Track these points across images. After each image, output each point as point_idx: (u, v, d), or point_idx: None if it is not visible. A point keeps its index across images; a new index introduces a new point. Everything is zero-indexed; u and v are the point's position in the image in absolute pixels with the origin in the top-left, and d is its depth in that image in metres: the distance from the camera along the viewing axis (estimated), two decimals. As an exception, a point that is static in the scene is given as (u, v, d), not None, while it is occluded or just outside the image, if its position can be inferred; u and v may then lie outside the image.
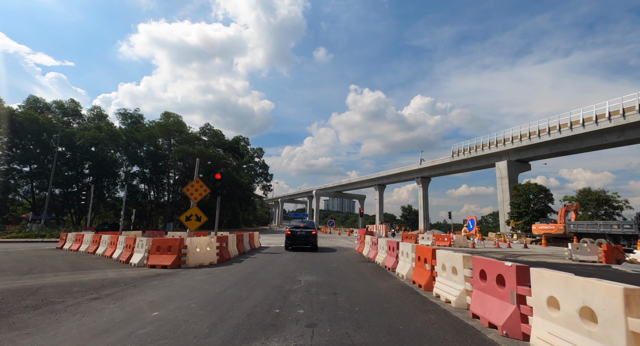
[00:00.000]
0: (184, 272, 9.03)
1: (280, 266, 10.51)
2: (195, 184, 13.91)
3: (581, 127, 43.71)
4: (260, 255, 14.13)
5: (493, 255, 17.34)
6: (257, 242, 18.40)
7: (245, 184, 49.87)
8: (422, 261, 7.51)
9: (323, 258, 13.24)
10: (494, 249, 22.07)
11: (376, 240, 12.75)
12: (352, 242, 25.49)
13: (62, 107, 42.40)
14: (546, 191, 46.82)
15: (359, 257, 14.19)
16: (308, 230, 16.70)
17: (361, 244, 16.18)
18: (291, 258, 13.21)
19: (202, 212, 13.72)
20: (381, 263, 11.24)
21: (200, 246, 10.47)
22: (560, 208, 32.02)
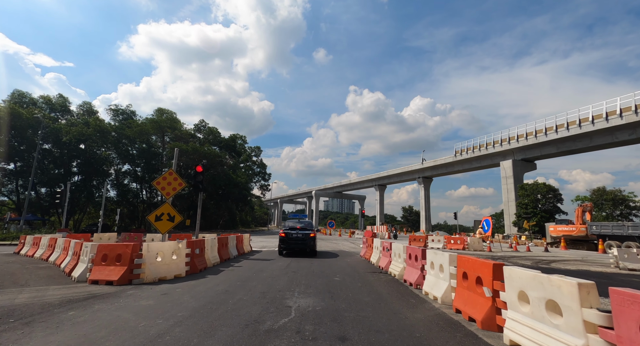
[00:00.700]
0: (130, 292, 6.40)
1: (267, 281, 7.87)
2: (167, 176, 11.29)
3: (590, 124, 41.32)
4: (247, 263, 11.49)
5: (521, 261, 14.71)
6: (246, 246, 15.76)
7: (241, 184, 47.20)
8: (473, 281, 4.91)
9: (323, 267, 10.62)
10: (514, 253, 19.45)
11: (389, 246, 10.13)
12: (355, 245, 22.85)
13: (49, 102, 39.77)
14: (555, 191, 44.32)
15: (367, 265, 11.57)
16: (305, 232, 14.08)
17: (368, 249, 13.55)
18: (284, 267, 10.58)
19: (175, 211, 11.11)
20: (398, 275, 8.63)
21: (163, 254, 7.84)
22: (577, 208, 29.49)
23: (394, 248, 9.61)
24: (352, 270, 10.10)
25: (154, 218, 10.72)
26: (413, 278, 7.48)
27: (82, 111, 42.25)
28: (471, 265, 5.06)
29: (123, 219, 44.70)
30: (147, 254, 7.44)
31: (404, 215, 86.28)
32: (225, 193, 46.35)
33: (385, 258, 10.43)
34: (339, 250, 18.12)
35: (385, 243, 10.63)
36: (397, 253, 9.26)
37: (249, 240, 16.50)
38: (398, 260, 9.04)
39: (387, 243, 10.41)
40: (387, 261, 10.11)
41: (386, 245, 10.51)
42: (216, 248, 11.15)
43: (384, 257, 10.63)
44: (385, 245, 10.55)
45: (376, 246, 12.08)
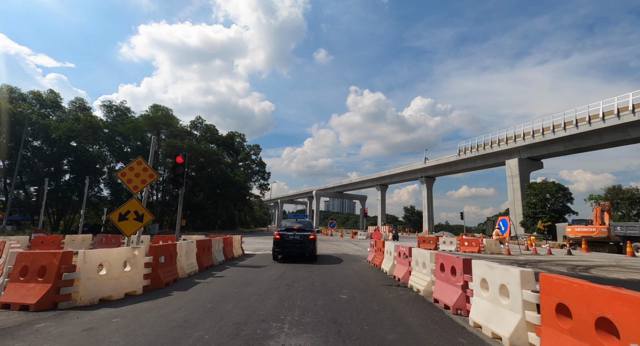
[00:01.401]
0: (40, 325, 4.27)
1: (250, 302, 5.74)
2: (135, 166, 9.16)
3: (600, 121, 39.20)
4: (232, 272, 9.34)
5: (554, 267, 12.54)
6: (237, 249, 13.62)
7: (240, 183, 45.04)
8: (585, 322, 2.76)
9: (325, 277, 8.47)
10: (536, 256, 17.28)
11: (407, 251, 7.99)
12: (359, 247, 20.70)
13: (39, 97, 37.73)
14: (565, 190, 42.08)
15: (378, 274, 9.42)
16: (304, 234, 11.94)
17: (377, 253, 11.40)
18: (276, 277, 8.43)
19: (145, 208, 8.98)
20: (423, 291, 6.49)
21: (109, 265, 5.71)
22: (595, 207, 27.31)
23: (415, 254, 7.46)
24: (361, 282, 7.95)
25: (118, 218, 8.58)
26: (450, 299, 5.33)
27: (74, 107, 40.19)
28: (577, 294, 2.91)
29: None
30: (83, 266, 5.30)
31: (406, 215, 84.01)
32: (223, 192, 44.22)
33: (402, 266, 8.27)
34: (342, 254, 15.98)
35: (402, 248, 8.47)
36: (419, 261, 7.12)
37: (240, 243, 14.35)
38: (422, 271, 6.89)
39: (405, 248, 8.26)
40: (405, 271, 7.96)
41: (403, 250, 8.35)
42: (194, 254, 9.01)
43: (401, 264, 8.47)
44: (402, 250, 8.39)
45: (388, 250, 9.92)
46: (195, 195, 46.32)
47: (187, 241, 8.72)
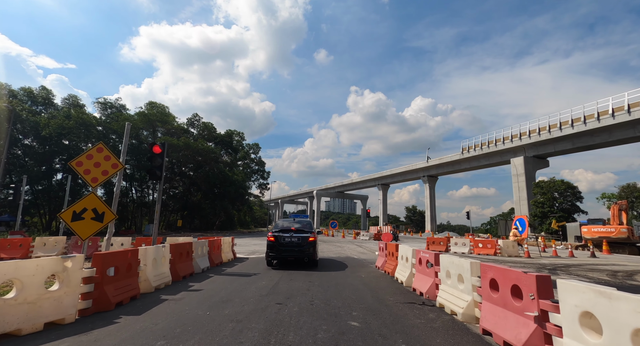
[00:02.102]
0: None
1: (222, 334, 3.99)
2: (95, 154, 7.40)
3: (610, 117, 37.42)
4: (213, 283, 7.55)
5: (590, 273, 10.73)
6: (226, 253, 11.83)
7: (238, 182, 43.24)
8: None
9: (328, 291, 6.69)
10: (559, 260, 15.48)
11: (432, 259, 6.21)
12: (363, 249, 18.90)
13: (30, 94, 36.04)
14: (574, 188, 40.27)
15: (391, 285, 7.64)
16: (303, 235, 10.16)
17: (388, 258, 9.61)
18: (267, 291, 6.65)
19: (106, 205, 7.23)
20: (462, 314, 4.72)
21: (22, 283, 3.96)
22: (612, 206, 25.52)
23: (444, 263, 5.68)
24: (374, 298, 6.16)
25: (71, 217, 6.84)
26: (515, 336, 3.54)
27: (67, 105, 38.46)
28: None
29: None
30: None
31: (408, 215, 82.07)
32: (222, 192, 42.45)
33: (425, 277, 6.49)
34: (345, 257, 14.19)
35: (424, 254, 6.69)
36: (452, 272, 5.34)
37: (230, 245, 12.57)
38: (457, 286, 5.11)
39: (428, 254, 6.47)
40: (429, 284, 6.18)
41: (426, 257, 6.57)
42: (166, 262, 7.23)
43: (422, 275, 6.69)
44: (425, 257, 6.61)
45: (403, 256, 8.12)
46: (193, 195, 44.57)
47: (157, 246, 6.95)
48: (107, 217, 7.18)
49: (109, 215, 7.20)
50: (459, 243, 18.17)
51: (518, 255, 16.51)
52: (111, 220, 7.30)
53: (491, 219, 78.45)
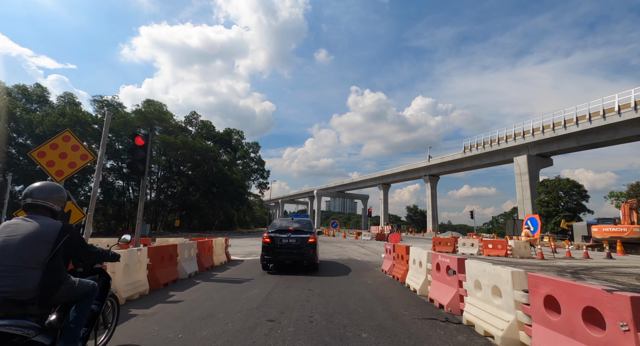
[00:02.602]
0: None
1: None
2: (61, 143, 6.38)
3: (616, 115, 36.38)
4: (197, 293, 6.51)
5: (624, 279, 9.67)
6: (219, 256, 10.79)
7: (237, 181, 42.18)
8: None
9: (330, 302, 5.64)
10: (576, 262, 14.42)
11: (455, 265, 5.16)
12: (366, 250, 17.86)
13: (25, 91, 35.06)
14: (579, 187, 39.14)
15: (402, 293, 6.60)
16: (302, 236, 9.12)
17: (398, 262, 8.56)
18: (258, 302, 5.61)
19: (75, 203, 6.22)
20: (501, 339, 3.66)
21: None
22: (623, 205, 24.48)
23: (472, 270, 4.64)
24: (385, 312, 5.12)
25: (30, 215, 5.79)
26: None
27: (63, 102, 37.47)
28: None
29: (109, 220, 39.92)
30: None
31: (409, 214, 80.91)
32: (220, 191, 41.40)
33: (446, 287, 5.45)
34: (348, 259, 13.14)
35: (444, 258, 5.65)
36: (484, 283, 4.30)
37: (224, 247, 11.53)
38: (491, 300, 4.07)
39: (451, 260, 5.42)
40: (451, 295, 5.14)
41: (446, 262, 5.53)
42: (142, 268, 6.20)
43: (442, 283, 5.64)
44: (445, 262, 5.56)
45: (416, 260, 7.07)
46: (191, 195, 43.54)
47: (130, 249, 5.92)
48: (74, 216, 6.15)
49: (76, 214, 6.18)
50: (467, 244, 17.12)
51: (531, 256, 15.46)
52: (80, 220, 6.28)
53: (493, 219, 77.33)
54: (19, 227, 2.21)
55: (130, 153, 8.78)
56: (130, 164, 8.70)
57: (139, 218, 9.11)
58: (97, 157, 8.58)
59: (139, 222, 9.10)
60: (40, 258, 2.15)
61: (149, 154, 9.00)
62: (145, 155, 8.87)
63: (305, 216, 11.72)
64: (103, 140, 8.74)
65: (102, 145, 8.72)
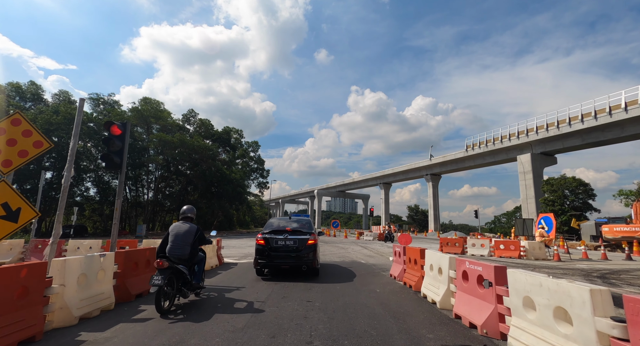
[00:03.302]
0: None
1: None
2: (9, 128, 5.27)
3: (623, 112, 35.31)
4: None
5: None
6: (209, 259, 9.68)
7: (236, 180, 41.08)
8: None
9: (333, 322, 4.53)
10: (596, 264, 13.30)
11: (492, 275, 4.05)
12: (369, 251, 16.76)
13: (19, 89, 34.02)
14: (586, 185, 37.99)
15: (419, 305, 5.49)
16: (300, 238, 8.03)
17: (408, 267, 7.46)
18: (244, 322, 4.50)
19: (24, 199, 5.13)
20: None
21: None
22: (634, 204, 23.38)
23: (519, 283, 3.53)
24: (403, 334, 4.01)
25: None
26: None
27: (58, 101, 36.42)
28: None
29: (105, 220, 38.83)
30: None
31: (410, 214, 79.71)
32: (219, 191, 40.31)
33: (478, 301, 4.34)
34: (351, 261, 12.03)
35: (475, 266, 4.54)
36: (538, 301, 3.21)
37: (215, 249, 10.43)
38: (555, 324, 2.97)
39: (485, 268, 4.31)
40: (488, 312, 4.03)
41: (477, 271, 4.42)
42: (107, 278, 5.10)
43: (470, 296, 4.54)
44: (475, 270, 4.46)
45: (434, 266, 5.96)
46: (190, 194, 42.44)
47: (89, 256, 4.81)
48: (24, 215, 5.06)
49: (27, 212, 5.08)
50: (476, 245, 16.01)
51: (546, 258, 14.35)
52: (32, 219, 5.19)
53: (495, 218, 76.11)
54: (182, 227, 5.38)
55: (104, 144, 7.68)
56: (104, 156, 7.59)
57: (116, 217, 8.01)
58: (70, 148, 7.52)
59: (116, 223, 8.01)
60: (190, 241, 5.24)
61: (127, 145, 7.91)
62: (122, 146, 7.78)
63: (306, 216, 10.64)
64: (75, 130, 7.65)
65: (74, 135, 7.64)
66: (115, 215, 8.02)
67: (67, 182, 7.72)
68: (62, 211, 7.22)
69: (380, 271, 9.54)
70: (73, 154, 7.73)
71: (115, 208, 7.96)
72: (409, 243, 10.64)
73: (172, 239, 5.29)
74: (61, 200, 7.40)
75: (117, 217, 8.06)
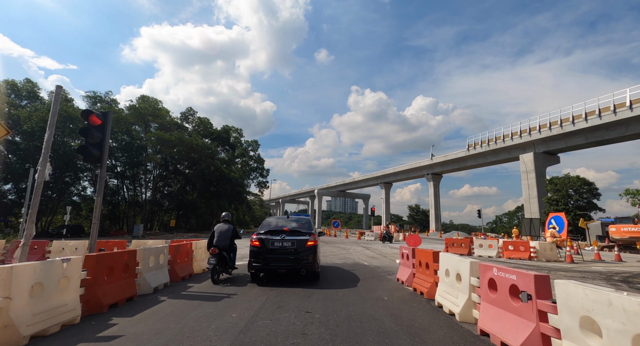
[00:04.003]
0: None
1: None
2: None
3: (628, 110, 34.59)
4: (151, 318, 4.64)
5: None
6: (201, 262, 8.93)
7: (235, 179, 40.31)
8: None
9: (337, 340, 3.77)
10: (614, 266, 12.52)
11: (531, 285, 3.27)
12: (371, 252, 15.98)
13: (14, 87, 33.26)
14: (590, 185, 37.20)
15: (436, 317, 4.72)
16: (299, 239, 7.27)
17: (419, 272, 6.69)
18: (231, 338, 3.73)
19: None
20: None
21: None
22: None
23: (572, 299, 2.75)
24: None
25: None
26: None
27: (55, 98, 35.60)
28: None
29: (102, 220, 38.07)
30: None
31: (411, 214, 78.89)
32: (218, 190, 39.54)
33: (512, 317, 3.57)
34: (353, 263, 11.26)
35: (507, 274, 3.77)
36: (601, 323, 2.45)
37: (192, 253, 9.64)
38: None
39: (519, 275, 3.54)
40: (528, 332, 3.26)
41: (510, 280, 3.65)
42: (70, 287, 4.33)
43: (499, 309, 3.77)
44: (507, 279, 3.69)
45: (450, 271, 5.19)
46: (188, 194, 41.68)
47: (47, 261, 4.05)
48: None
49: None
50: (484, 245, 15.23)
51: (558, 259, 13.57)
52: None
53: (497, 218, 75.26)
54: (223, 226, 7.81)
55: (82, 135, 6.92)
56: (81, 149, 6.82)
57: (96, 216, 7.26)
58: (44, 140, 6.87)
59: (95, 222, 7.26)
60: (229, 236, 7.73)
61: (107, 137, 7.14)
62: (103, 138, 7.02)
63: (307, 216, 9.92)
64: (51, 120, 6.94)
65: (49, 125, 6.92)
66: (95, 213, 7.27)
67: (41, 178, 6.98)
68: (36, 209, 6.48)
69: (386, 275, 8.77)
70: (48, 147, 6.99)
71: (94, 206, 7.21)
72: (418, 245, 9.86)
73: (217, 235, 7.62)
74: (34, 198, 6.66)
75: (97, 216, 7.31)
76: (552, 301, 3.07)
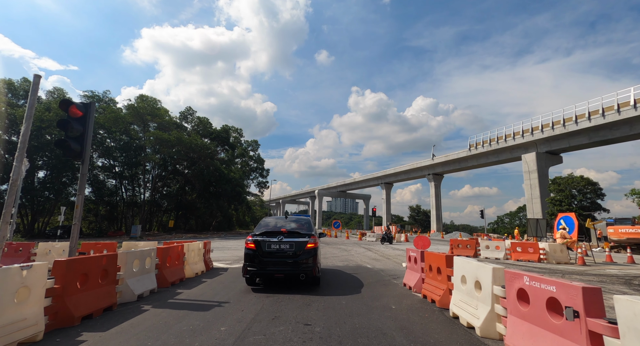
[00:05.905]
0: None
1: None
2: None
3: (632, 109, 33.99)
4: (129, 333, 4.04)
5: None
6: (194, 265, 8.32)
7: (235, 179, 39.69)
8: None
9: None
10: (627, 268, 11.89)
11: (577, 300, 2.65)
12: (373, 253, 15.36)
13: (11, 86, 32.72)
14: (594, 185, 36.60)
15: (452, 332, 4.11)
16: (298, 240, 6.66)
17: (429, 277, 6.08)
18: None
19: None
20: None
21: None
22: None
23: (637, 320, 2.13)
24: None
25: None
26: None
27: (52, 98, 35.12)
28: None
29: (100, 221, 37.52)
30: None
31: (412, 214, 78.19)
32: (217, 190, 38.95)
33: (552, 336, 2.97)
34: (356, 266, 10.65)
35: (544, 286, 3.16)
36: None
37: (202, 253, 9.05)
38: None
39: (559, 287, 2.93)
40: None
41: (547, 292, 3.04)
42: (35, 298, 3.74)
43: (537, 327, 3.16)
44: (543, 291, 3.08)
45: (467, 279, 4.58)
46: (187, 194, 41.09)
47: (7, 267, 3.45)
48: None
49: None
50: (490, 247, 14.60)
51: (569, 261, 12.95)
52: None
53: (498, 218, 74.53)
54: None
55: (60, 128, 6.33)
56: (59, 143, 6.23)
57: (76, 217, 6.67)
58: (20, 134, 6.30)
59: (76, 223, 6.67)
60: None
61: (90, 130, 6.55)
62: (84, 131, 6.43)
63: (307, 216, 9.34)
64: (28, 112, 6.36)
65: (26, 118, 6.35)
66: (76, 213, 6.68)
67: (17, 175, 6.38)
68: (10, 208, 5.87)
69: (391, 279, 8.16)
70: (25, 141, 6.39)
71: (75, 205, 6.62)
72: (427, 247, 9.24)
73: None
74: (9, 196, 6.07)
75: (79, 217, 6.71)
76: (609, 321, 2.47)
